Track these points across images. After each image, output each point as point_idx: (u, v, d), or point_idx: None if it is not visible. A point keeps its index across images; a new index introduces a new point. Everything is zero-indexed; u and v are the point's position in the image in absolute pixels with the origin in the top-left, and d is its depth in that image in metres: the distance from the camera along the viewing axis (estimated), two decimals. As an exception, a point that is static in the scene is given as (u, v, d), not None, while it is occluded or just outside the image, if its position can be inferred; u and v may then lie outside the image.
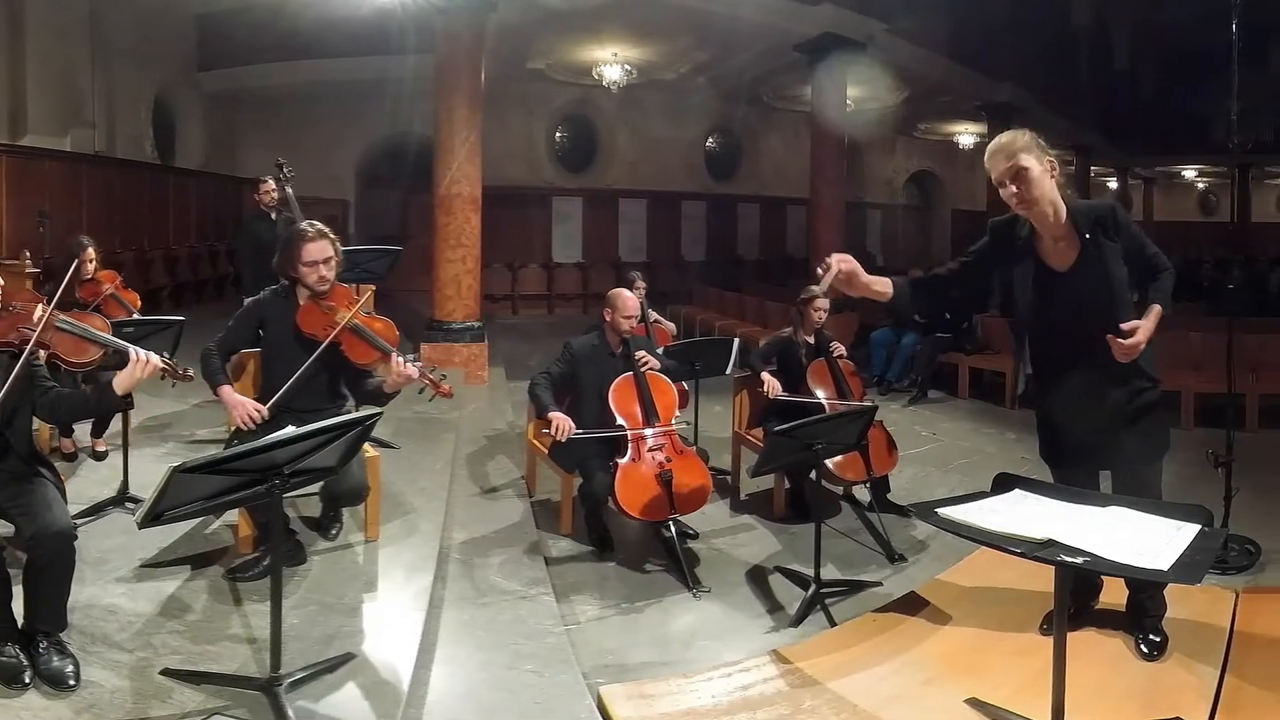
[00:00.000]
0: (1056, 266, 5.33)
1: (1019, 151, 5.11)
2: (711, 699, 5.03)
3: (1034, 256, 5.38)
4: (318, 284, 6.52)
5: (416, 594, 6.14)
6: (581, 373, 8.18)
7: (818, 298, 9.23)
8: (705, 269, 29.02)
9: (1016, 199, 5.16)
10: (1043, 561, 3.81)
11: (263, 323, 6.76)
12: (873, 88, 25.50)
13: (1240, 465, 8.09)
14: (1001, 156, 5.16)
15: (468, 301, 14.88)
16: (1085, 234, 5.22)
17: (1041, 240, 5.35)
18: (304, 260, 6.50)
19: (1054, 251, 5.34)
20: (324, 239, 6.56)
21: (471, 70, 14.87)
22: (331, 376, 6.71)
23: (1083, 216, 5.23)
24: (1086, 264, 5.23)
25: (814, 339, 9.34)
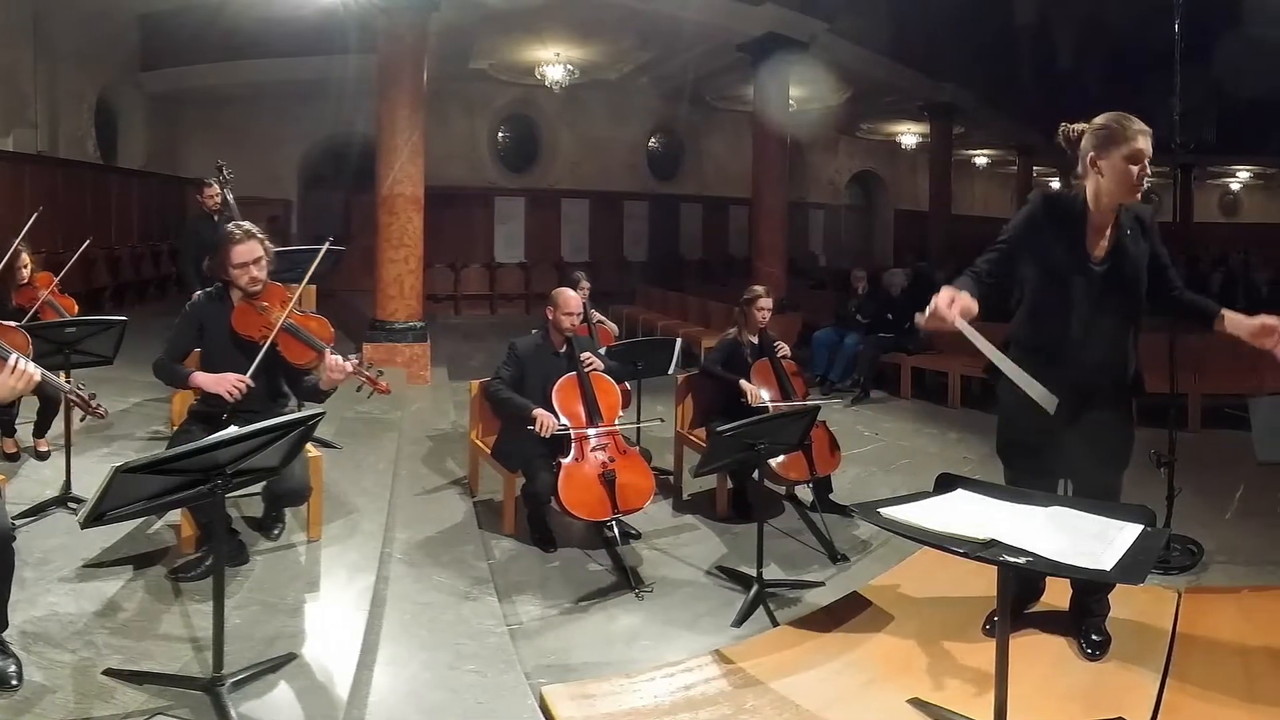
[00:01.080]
0: (1093, 256, 5.29)
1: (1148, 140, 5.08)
2: (654, 699, 5.03)
3: (1081, 241, 5.31)
4: (249, 285, 6.49)
5: (359, 594, 6.16)
6: (527, 372, 8.19)
7: (762, 297, 9.28)
8: (648, 269, 29.10)
9: (1138, 184, 5.10)
10: (985, 562, 3.79)
11: (202, 327, 6.72)
12: (815, 88, 25.64)
13: (1182, 465, 8.17)
14: (1147, 140, 5.09)
15: (410, 301, 14.88)
16: (1126, 229, 5.24)
17: (1091, 226, 5.30)
18: (234, 262, 6.47)
19: (1094, 240, 5.30)
20: (252, 239, 6.53)
21: (414, 70, 14.89)
22: (271, 376, 6.67)
23: (1125, 211, 5.27)
24: (1119, 258, 5.24)
25: (758, 339, 9.35)
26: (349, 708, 4.83)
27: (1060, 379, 5.08)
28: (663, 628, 6.58)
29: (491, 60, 23.74)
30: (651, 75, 25.95)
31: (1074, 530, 3.92)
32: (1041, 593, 5.97)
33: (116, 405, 10.15)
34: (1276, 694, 4.80)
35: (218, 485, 4.37)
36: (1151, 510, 4.20)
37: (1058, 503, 4.29)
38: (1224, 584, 7.26)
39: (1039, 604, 5.94)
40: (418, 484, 9.34)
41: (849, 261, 26.68)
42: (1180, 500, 8.04)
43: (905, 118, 32.50)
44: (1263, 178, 45.23)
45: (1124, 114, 5.15)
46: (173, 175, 23.22)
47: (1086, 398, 5.26)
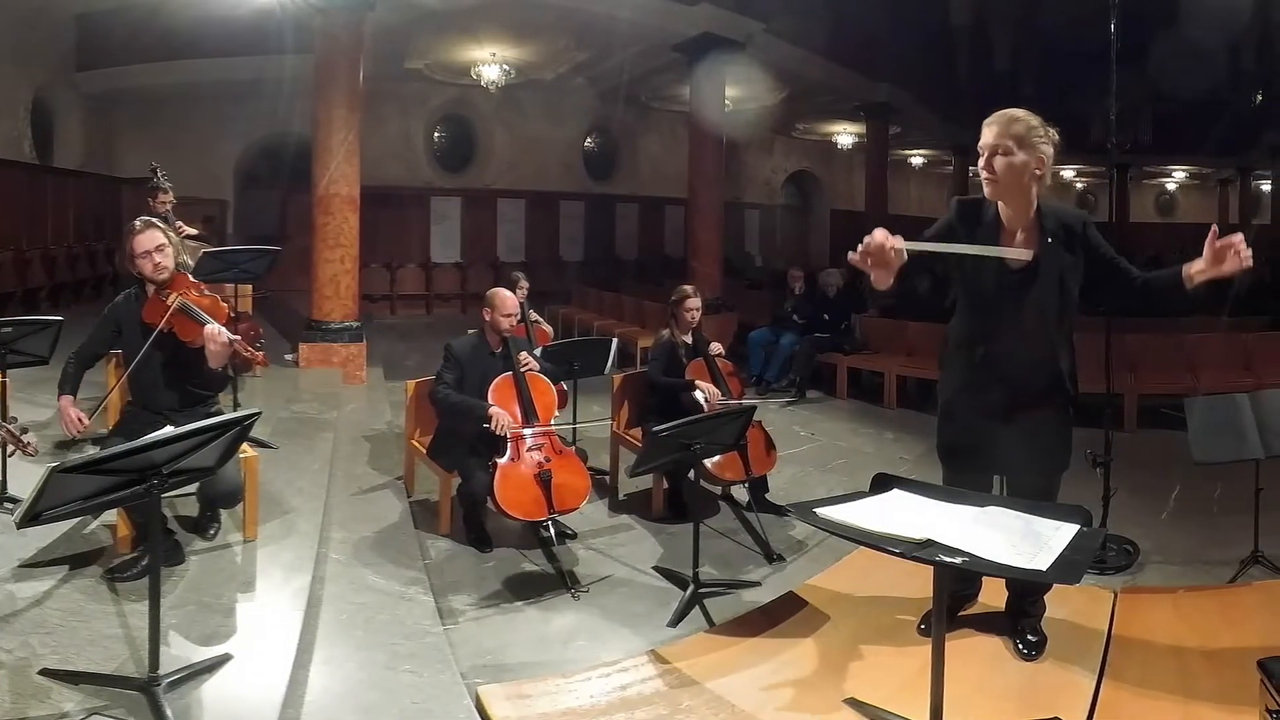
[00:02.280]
0: (1012, 262, 5.23)
1: (1009, 135, 5.08)
2: (590, 699, 5.04)
3: (994, 241, 5.26)
4: (155, 273, 6.48)
5: (295, 594, 6.14)
6: (466, 372, 8.18)
7: (690, 297, 9.34)
8: (583, 269, 29.09)
9: (986, 175, 5.15)
10: (921, 561, 3.80)
11: (119, 326, 6.72)
12: (751, 88, 25.63)
13: (1119, 465, 8.25)
14: (995, 129, 5.13)
15: (346, 301, 14.86)
16: (1048, 237, 5.17)
17: (1004, 231, 5.29)
18: (136, 253, 6.48)
19: (1009, 242, 5.26)
20: (152, 229, 6.55)
21: (350, 70, 14.87)
22: (185, 370, 6.66)
23: (1051, 218, 5.22)
24: (1041, 267, 5.17)
25: (691, 338, 9.40)
26: (285, 707, 4.82)
27: (989, 380, 5.27)
28: (599, 628, 6.60)
29: (427, 60, 23.70)
30: (587, 75, 25.99)
31: (1010, 530, 3.93)
32: (978, 593, 6.01)
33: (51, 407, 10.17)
34: (1211, 693, 4.84)
35: (154, 485, 4.35)
36: (1088, 510, 4.22)
37: (994, 502, 4.32)
38: (1160, 584, 7.32)
39: (975, 604, 5.97)
40: (353, 484, 9.34)
41: (785, 261, 26.74)
42: (1116, 500, 8.13)
43: (841, 118, 32.53)
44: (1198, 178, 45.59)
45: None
46: (109, 175, 23.03)
47: (1018, 398, 5.28)
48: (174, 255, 6.61)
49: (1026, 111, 5.17)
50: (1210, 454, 7.13)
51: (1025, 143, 5.07)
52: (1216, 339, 13.78)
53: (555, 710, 4.92)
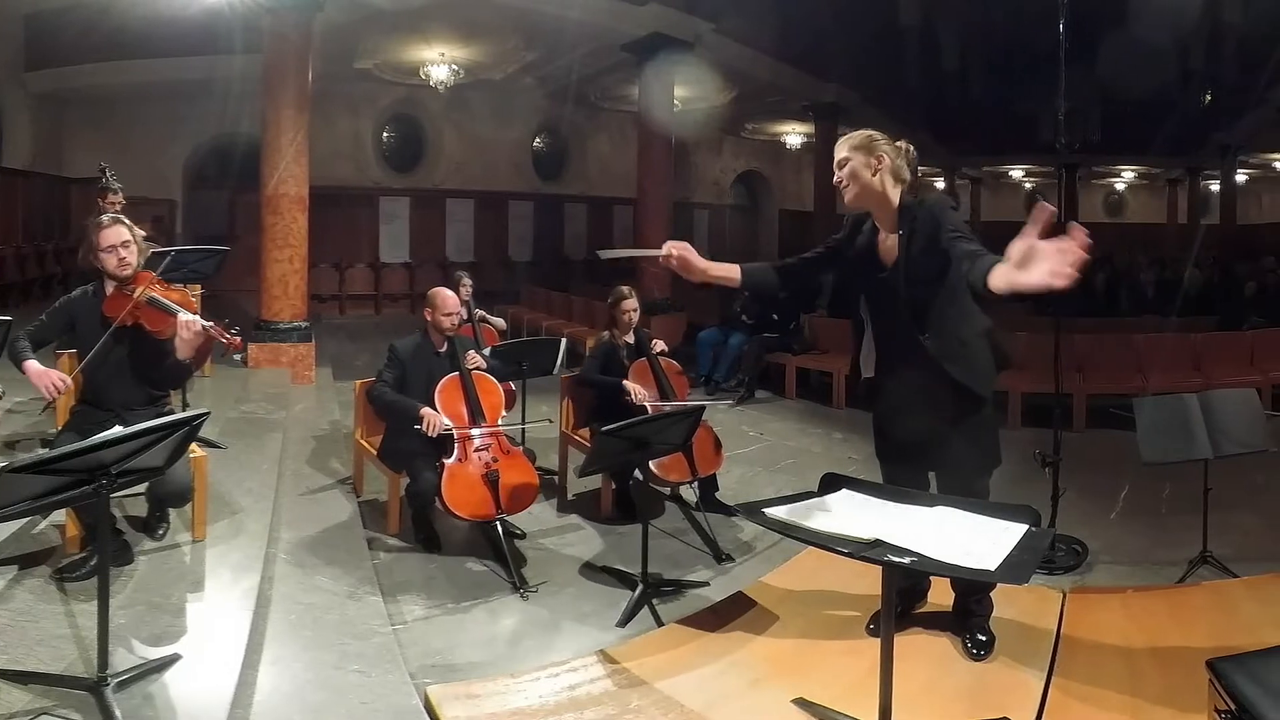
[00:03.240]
0: (884, 262, 5.38)
1: (848, 149, 5.30)
2: (539, 699, 5.05)
3: (872, 249, 5.44)
4: (119, 268, 6.44)
5: (243, 594, 6.12)
6: (408, 374, 8.20)
7: (626, 298, 9.34)
8: (532, 269, 29.11)
9: (841, 192, 5.36)
10: (870, 561, 3.83)
11: (74, 322, 6.67)
12: (700, 88, 25.72)
13: (1067, 465, 8.31)
14: (839, 147, 5.35)
15: (295, 301, 14.85)
16: (900, 230, 5.29)
17: (879, 236, 5.42)
18: (102, 246, 6.43)
19: (884, 247, 5.39)
20: (119, 224, 6.52)
21: (299, 70, 14.88)
22: (142, 365, 6.64)
23: (907, 212, 5.28)
24: (904, 262, 5.26)
25: (633, 338, 9.41)
26: (233, 708, 4.81)
27: (895, 381, 5.45)
28: (547, 628, 6.62)
29: (376, 60, 23.67)
30: (536, 75, 25.98)
31: (959, 530, 3.98)
32: (926, 593, 6.04)
33: (-1, 406, 10.14)
34: (1160, 694, 4.86)
35: (103, 485, 4.35)
36: (1036, 510, 4.22)
37: (942, 502, 4.34)
38: (1108, 584, 7.37)
39: (925, 603, 6.00)
40: (302, 484, 9.31)
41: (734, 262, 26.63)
42: (1065, 500, 8.18)
43: (790, 118, 32.65)
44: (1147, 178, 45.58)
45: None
46: (58, 175, 22.88)
47: (923, 398, 5.36)
48: (137, 252, 6.61)
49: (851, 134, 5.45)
50: (1159, 454, 7.19)
51: (863, 149, 5.29)
52: (1165, 339, 13.88)
53: (504, 710, 4.93)
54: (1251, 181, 41.03)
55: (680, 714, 4.87)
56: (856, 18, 26.45)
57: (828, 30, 26.35)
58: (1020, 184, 45.53)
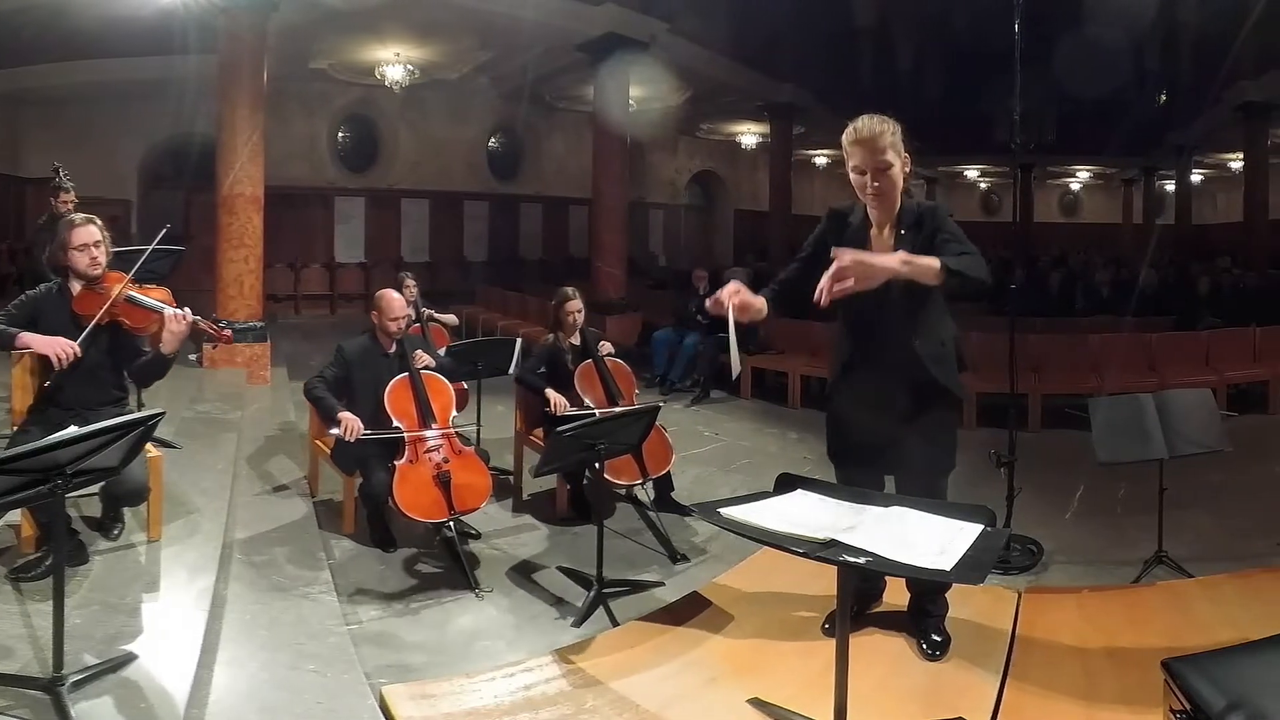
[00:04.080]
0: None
1: (887, 149, 5.09)
2: (494, 699, 5.04)
3: (862, 244, 5.25)
4: (90, 267, 6.44)
5: (199, 594, 6.09)
6: (355, 375, 8.23)
7: (570, 300, 9.38)
8: (488, 269, 29.17)
9: (874, 193, 5.15)
10: (825, 561, 3.76)
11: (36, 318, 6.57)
12: (655, 88, 25.75)
13: (1022, 465, 8.30)
14: (869, 149, 5.10)
15: (250, 301, 14.87)
16: (901, 230, 5.22)
17: (871, 229, 5.36)
18: (74, 244, 6.44)
19: (878, 243, 5.31)
20: (91, 224, 6.54)
21: (254, 70, 14.87)
22: (114, 364, 6.67)
23: (907, 213, 5.26)
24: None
25: (579, 340, 9.44)
26: (189, 708, 4.80)
27: (862, 381, 5.38)
28: (503, 628, 6.63)
29: (331, 60, 23.65)
30: (491, 75, 26.01)
31: (914, 530, 3.92)
32: (882, 593, 6.03)
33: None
34: (1115, 694, 4.86)
35: (58, 485, 4.36)
36: (991, 510, 4.21)
37: (898, 502, 4.29)
38: (1064, 584, 7.40)
39: (881, 604, 5.99)
40: (258, 484, 9.33)
41: (689, 261, 26.77)
42: (1020, 500, 8.21)
43: (745, 117, 32.76)
44: (1102, 178, 45.80)
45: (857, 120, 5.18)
46: (13, 175, 22.72)
47: (891, 399, 5.33)
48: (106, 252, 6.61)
49: (880, 117, 5.19)
50: (1114, 454, 7.23)
51: (896, 149, 5.14)
52: (1121, 339, 13.92)
53: (459, 710, 4.92)
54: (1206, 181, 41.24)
55: (635, 714, 4.86)
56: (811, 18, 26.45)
57: (783, 30, 26.37)
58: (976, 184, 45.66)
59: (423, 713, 4.89)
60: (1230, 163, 35.85)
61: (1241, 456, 8.56)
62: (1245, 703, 3.42)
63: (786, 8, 24.80)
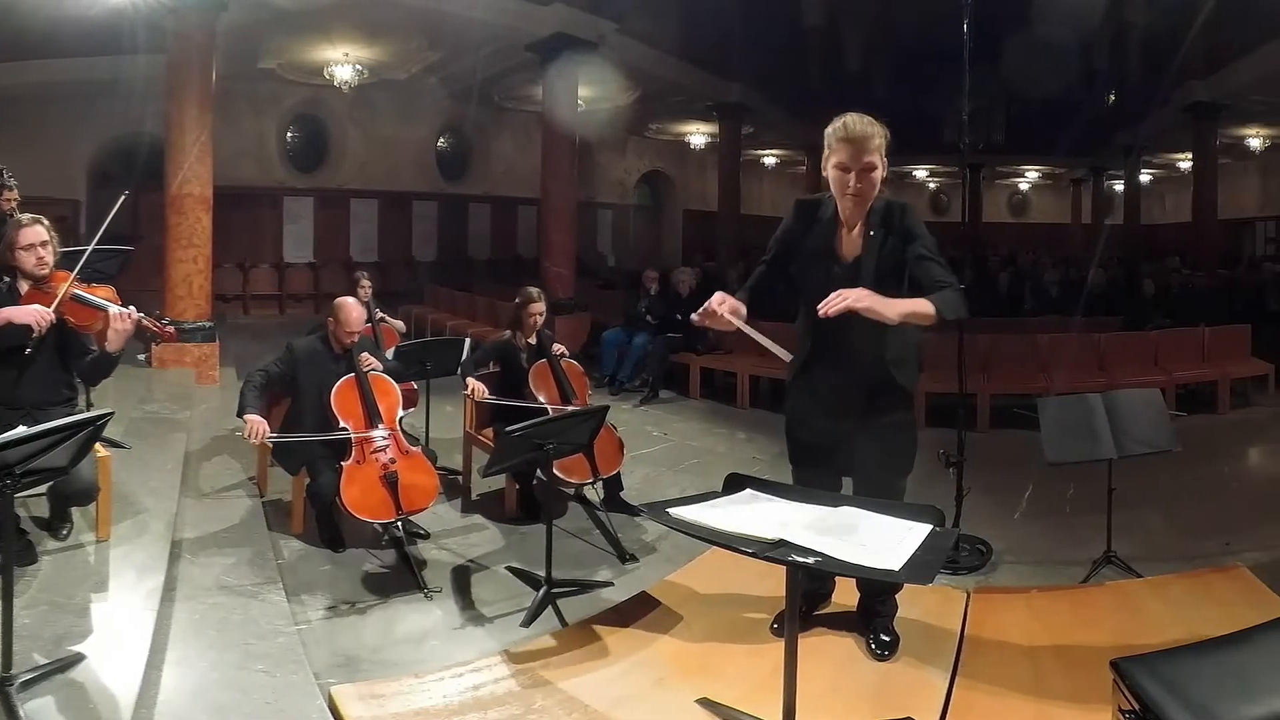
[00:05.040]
0: (842, 254, 5.35)
1: (874, 151, 5.11)
2: (443, 699, 5.06)
3: (830, 241, 5.38)
4: (37, 267, 6.44)
5: (148, 594, 6.09)
6: (301, 374, 8.25)
7: (534, 301, 9.39)
8: (436, 269, 29.06)
9: (854, 193, 5.15)
10: (774, 561, 3.80)
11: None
12: (604, 88, 25.74)
13: (971, 465, 8.36)
14: (857, 149, 5.09)
15: (199, 301, 14.86)
16: (870, 230, 5.24)
17: (841, 227, 5.36)
18: (21, 244, 6.43)
19: (847, 240, 5.35)
20: (39, 224, 6.53)
21: (202, 70, 14.86)
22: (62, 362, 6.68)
23: (877, 212, 5.26)
24: (867, 260, 5.24)
25: (535, 340, 9.47)
26: (137, 707, 4.80)
27: (826, 381, 5.39)
28: (452, 628, 6.66)
29: (280, 60, 23.54)
30: (440, 75, 25.96)
31: (863, 530, 3.98)
32: (830, 594, 6.06)
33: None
34: (1064, 693, 4.92)
35: (6, 485, 4.37)
36: (940, 510, 4.26)
37: (847, 502, 4.35)
38: (1012, 584, 7.45)
39: (830, 604, 6.02)
40: (206, 484, 9.32)
41: (638, 262, 26.93)
42: (969, 500, 8.25)
43: (694, 118, 32.73)
44: (1051, 178, 45.82)
45: (847, 117, 5.17)
46: (-40, 175, 22.49)
47: (854, 399, 5.36)
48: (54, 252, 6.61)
49: (869, 118, 5.17)
50: (1063, 454, 7.28)
51: (881, 153, 5.14)
52: (1069, 339, 14.00)
53: (408, 710, 4.94)
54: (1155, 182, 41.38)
55: (584, 714, 4.89)
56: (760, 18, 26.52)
57: (732, 30, 26.50)
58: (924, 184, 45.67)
59: (371, 713, 4.91)
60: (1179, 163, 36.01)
61: (1190, 457, 8.61)
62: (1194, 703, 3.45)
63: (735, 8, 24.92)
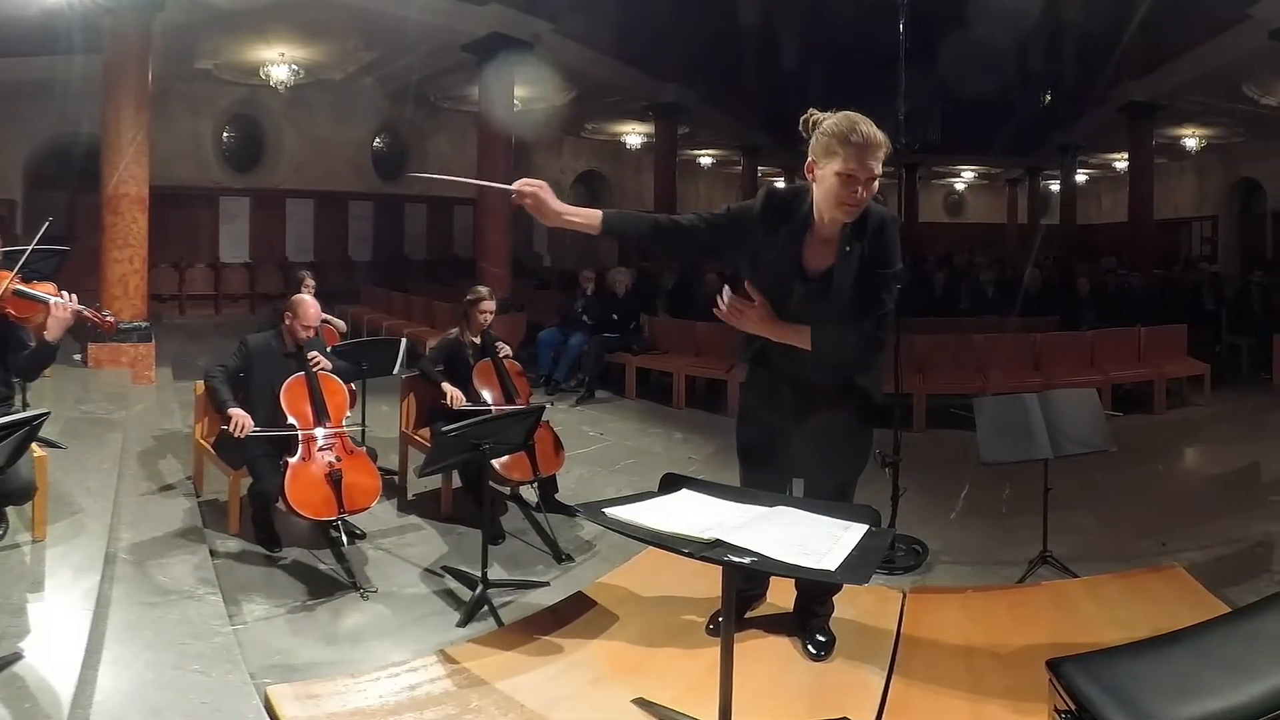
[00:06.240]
0: (810, 265, 5.05)
1: (880, 161, 4.74)
2: (379, 699, 5.05)
3: (798, 245, 5.04)
4: None
5: (84, 594, 6.08)
6: (254, 370, 8.24)
7: (485, 299, 9.42)
8: (373, 269, 29.11)
9: (855, 204, 4.76)
10: (710, 561, 3.73)
11: None
12: (540, 88, 25.79)
13: (908, 465, 8.40)
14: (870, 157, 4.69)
15: (135, 301, 14.81)
16: (846, 246, 4.93)
17: (813, 232, 5.01)
18: None
19: (816, 249, 5.04)
20: None
21: (139, 70, 14.83)
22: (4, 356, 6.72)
23: (853, 227, 4.91)
24: (836, 275, 4.97)
25: (480, 339, 9.50)
26: (73, 708, 4.80)
27: (784, 382, 5.27)
28: (388, 628, 6.68)
29: (216, 60, 23.48)
30: (376, 75, 25.93)
31: (799, 530, 3.93)
32: (764, 593, 6.06)
33: None
34: (1000, 693, 4.93)
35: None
36: (876, 510, 4.29)
37: (783, 502, 4.33)
38: (948, 584, 7.50)
39: (766, 604, 6.02)
40: (143, 484, 9.28)
41: (574, 262, 26.81)
42: (905, 500, 8.30)
43: (630, 118, 32.91)
44: (987, 178, 46.12)
45: (856, 118, 4.78)
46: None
47: (813, 400, 5.27)
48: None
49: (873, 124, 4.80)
50: (999, 454, 7.31)
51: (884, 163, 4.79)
52: (1005, 339, 14.06)
53: (344, 710, 4.93)
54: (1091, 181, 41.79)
55: (520, 714, 4.90)
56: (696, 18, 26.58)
57: (667, 31, 26.62)
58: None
59: (307, 713, 4.90)
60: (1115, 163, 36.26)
61: (1126, 456, 8.78)
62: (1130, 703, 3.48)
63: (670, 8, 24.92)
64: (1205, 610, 5.55)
